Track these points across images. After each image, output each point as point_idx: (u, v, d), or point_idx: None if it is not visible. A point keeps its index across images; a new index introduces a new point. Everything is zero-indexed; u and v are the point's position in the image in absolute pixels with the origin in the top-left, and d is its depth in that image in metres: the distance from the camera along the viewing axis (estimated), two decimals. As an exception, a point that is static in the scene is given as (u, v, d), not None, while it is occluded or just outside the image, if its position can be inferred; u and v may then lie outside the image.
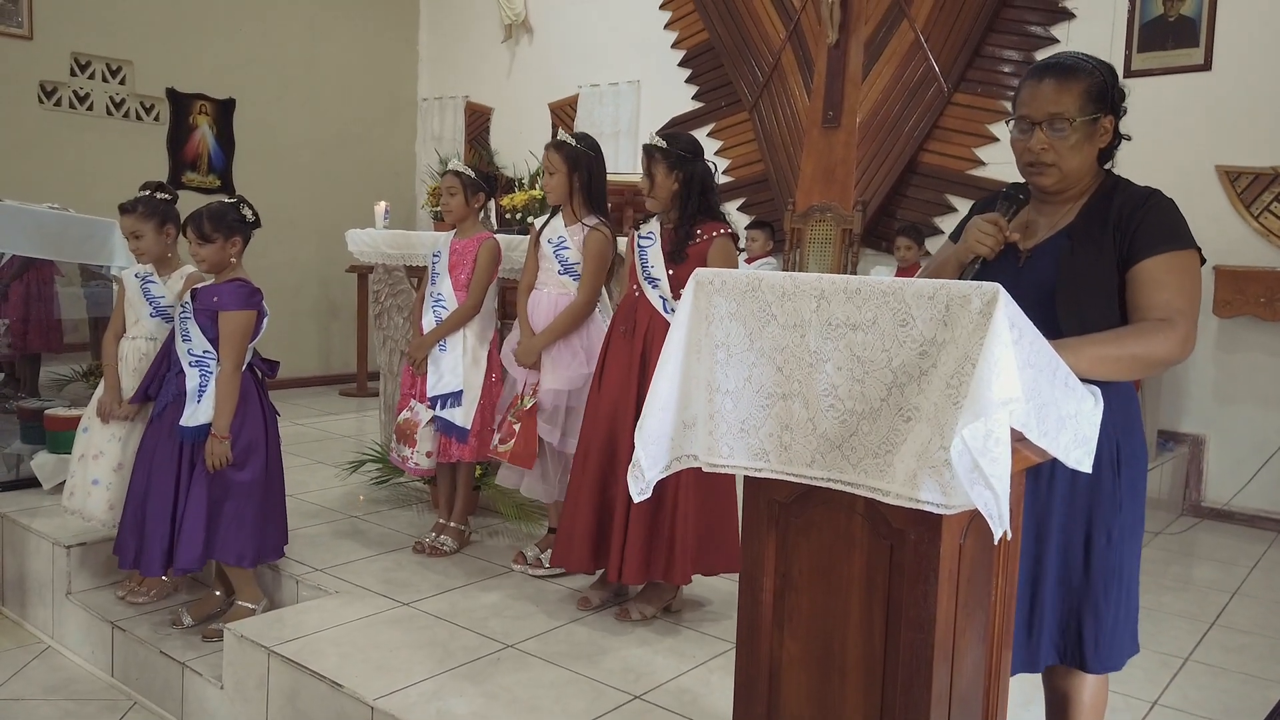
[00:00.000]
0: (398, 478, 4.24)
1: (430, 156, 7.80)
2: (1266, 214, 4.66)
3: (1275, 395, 4.68)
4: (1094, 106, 1.74)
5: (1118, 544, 1.77)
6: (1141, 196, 1.76)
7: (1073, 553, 1.77)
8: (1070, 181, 1.79)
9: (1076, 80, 1.74)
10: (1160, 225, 1.72)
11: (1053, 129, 1.74)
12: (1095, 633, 1.78)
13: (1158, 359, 1.67)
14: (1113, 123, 1.78)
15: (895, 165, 5.62)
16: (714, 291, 1.48)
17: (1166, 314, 1.66)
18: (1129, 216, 1.73)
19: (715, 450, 1.48)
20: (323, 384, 7.46)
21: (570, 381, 3.23)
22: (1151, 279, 1.69)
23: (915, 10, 5.53)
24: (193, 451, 3.01)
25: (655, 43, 6.67)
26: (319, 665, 2.55)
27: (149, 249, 3.28)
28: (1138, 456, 1.81)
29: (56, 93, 6.21)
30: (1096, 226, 1.76)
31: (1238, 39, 4.72)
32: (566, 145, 3.24)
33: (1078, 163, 1.76)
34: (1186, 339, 1.66)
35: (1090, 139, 1.76)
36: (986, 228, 1.76)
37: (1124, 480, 1.77)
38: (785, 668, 1.51)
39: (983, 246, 1.76)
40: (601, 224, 3.23)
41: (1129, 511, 1.78)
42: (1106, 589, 1.77)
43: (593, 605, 3.05)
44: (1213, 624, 3.37)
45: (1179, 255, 1.70)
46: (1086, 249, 1.74)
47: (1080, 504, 1.76)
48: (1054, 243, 1.79)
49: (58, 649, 3.45)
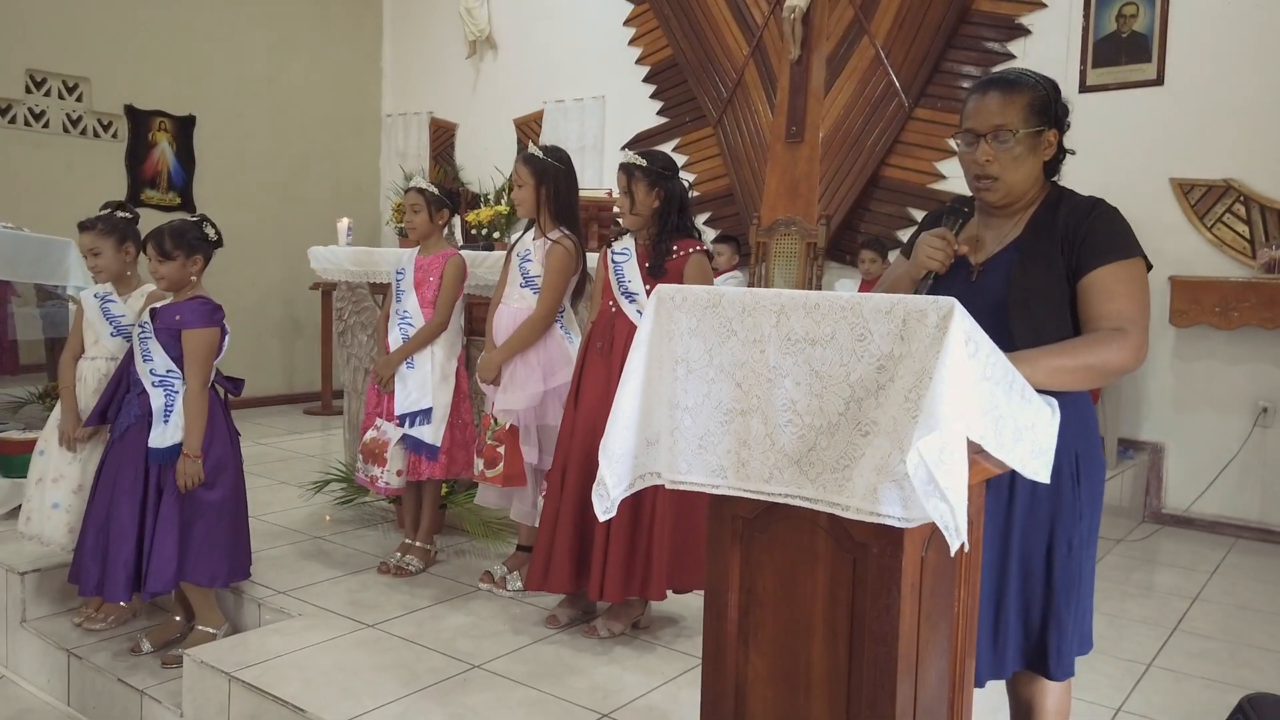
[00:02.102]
0: (363, 497, 4.19)
1: (395, 173, 7.77)
2: (1219, 225, 4.76)
3: (1232, 402, 4.77)
4: (1037, 119, 1.77)
5: (1078, 552, 1.80)
6: (1086, 207, 1.79)
7: (1034, 562, 1.80)
8: (1015, 194, 1.81)
9: (1019, 93, 1.77)
10: (1107, 235, 1.74)
11: (997, 140, 1.77)
12: (1058, 641, 1.80)
13: (1113, 368, 1.69)
14: (1056, 136, 1.81)
15: (858, 179, 5.68)
16: (675, 307, 1.48)
17: (1119, 323, 1.69)
18: (1075, 227, 1.76)
19: (675, 467, 1.48)
20: (287, 403, 7.37)
21: (527, 400, 3.20)
22: (1102, 289, 1.71)
23: (876, 27, 5.60)
24: (159, 473, 2.96)
25: (620, 58, 6.70)
26: (282, 690, 2.51)
27: (107, 266, 3.24)
28: (1096, 467, 1.84)
29: (11, 110, 6.10)
30: (1044, 239, 1.78)
31: (1189, 54, 4.83)
32: (535, 158, 3.24)
33: (1021, 175, 1.79)
34: (1139, 347, 1.69)
35: (1034, 151, 1.79)
36: (935, 243, 1.78)
37: (1084, 490, 1.80)
38: (751, 683, 1.50)
39: (933, 262, 1.78)
40: (566, 237, 3.22)
41: (1088, 520, 1.82)
42: (1067, 597, 1.80)
43: (561, 623, 3.03)
44: (1174, 629, 3.42)
45: (1127, 264, 1.73)
46: (1035, 262, 1.77)
47: (1041, 514, 1.78)
48: (1004, 256, 1.81)
49: (12, 678, 3.37)
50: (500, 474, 3.18)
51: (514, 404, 3.20)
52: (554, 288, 3.21)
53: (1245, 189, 4.69)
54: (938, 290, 1.74)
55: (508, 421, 3.20)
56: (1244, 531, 4.71)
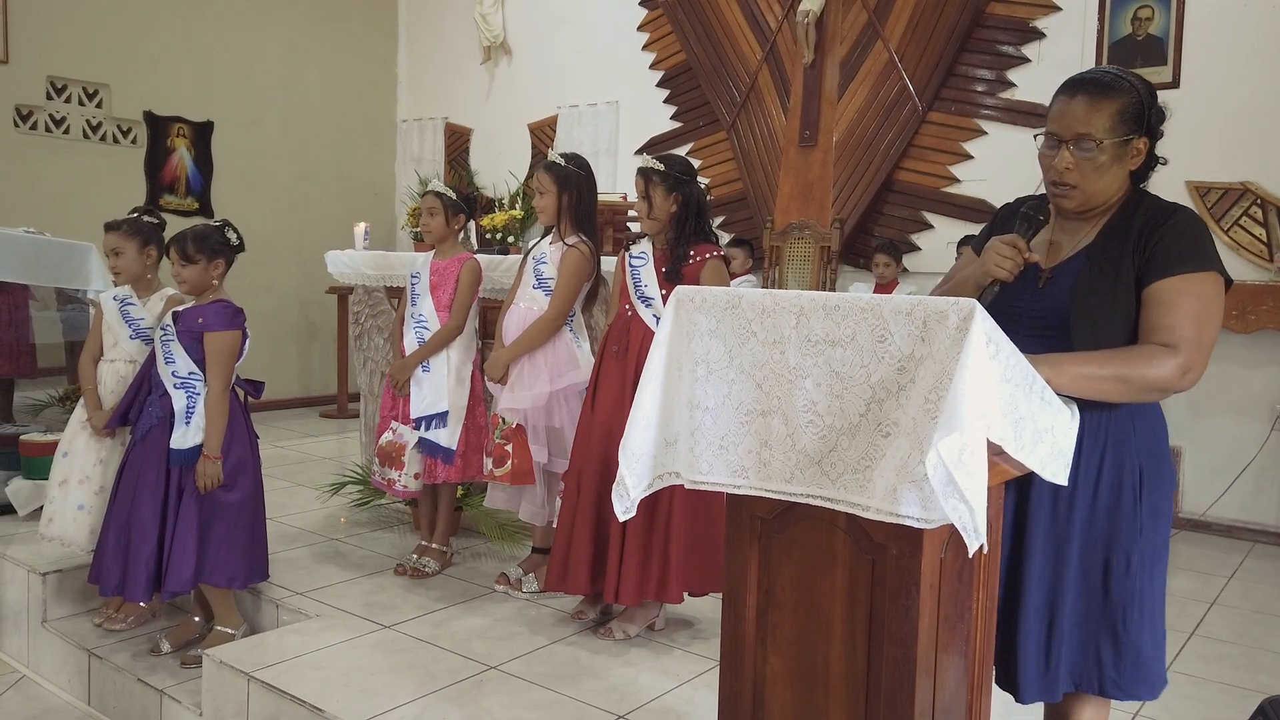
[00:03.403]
0: (379, 500, 4.22)
1: (410, 178, 7.80)
2: (1236, 228, 4.74)
3: (1249, 407, 4.74)
4: (1126, 128, 1.66)
5: (1137, 570, 1.70)
6: (1165, 214, 1.68)
7: (1091, 578, 1.71)
8: (1094, 203, 1.72)
9: (1110, 99, 1.66)
10: (1179, 244, 1.64)
11: (1080, 149, 1.66)
12: (1115, 659, 1.71)
13: (1151, 384, 1.59)
14: (1147, 145, 1.71)
15: (872, 183, 5.67)
16: (694, 309, 1.49)
17: (1169, 339, 1.59)
18: (1149, 234, 1.66)
19: (696, 467, 1.48)
20: (303, 406, 7.41)
21: (533, 400, 3.21)
22: (1161, 301, 1.62)
23: (889, 31, 5.60)
24: (180, 475, 2.99)
25: (633, 64, 6.72)
26: (300, 690, 2.53)
27: (127, 268, 3.27)
28: (1163, 481, 1.73)
29: (32, 116, 6.17)
30: (1116, 245, 1.68)
31: (1205, 57, 4.81)
32: (556, 166, 3.26)
33: (1104, 185, 1.69)
34: (1188, 368, 1.58)
35: (1119, 160, 1.68)
36: (1005, 250, 1.68)
37: (1145, 504, 1.70)
38: (769, 684, 1.51)
39: (1001, 270, 1.67)
40: (582, 242, 3.24)
41: (1150, 537, 1.72)
42: (1126, 616, 1.70)
43: (588, 618, 3.08)
44: (1191, 634, 3.40)
45: (1195, 278, 1.62)
46: (1104, 269, 1.67)
47: (1100, 528, 1.70)
48: (1073, 263, 1.72)
49: (33, 678, 3.40)
50: (509, 471, 3.20)
51: (520, 404, 3.22)
52: (567, 289, 3.22)
53: (1262, 192, 4.67)
54: (1004, 296, 1.66)
55: (514, 420, 3.22)
56: (1261, 536, 4.68)
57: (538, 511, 3.37)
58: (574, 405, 3.24)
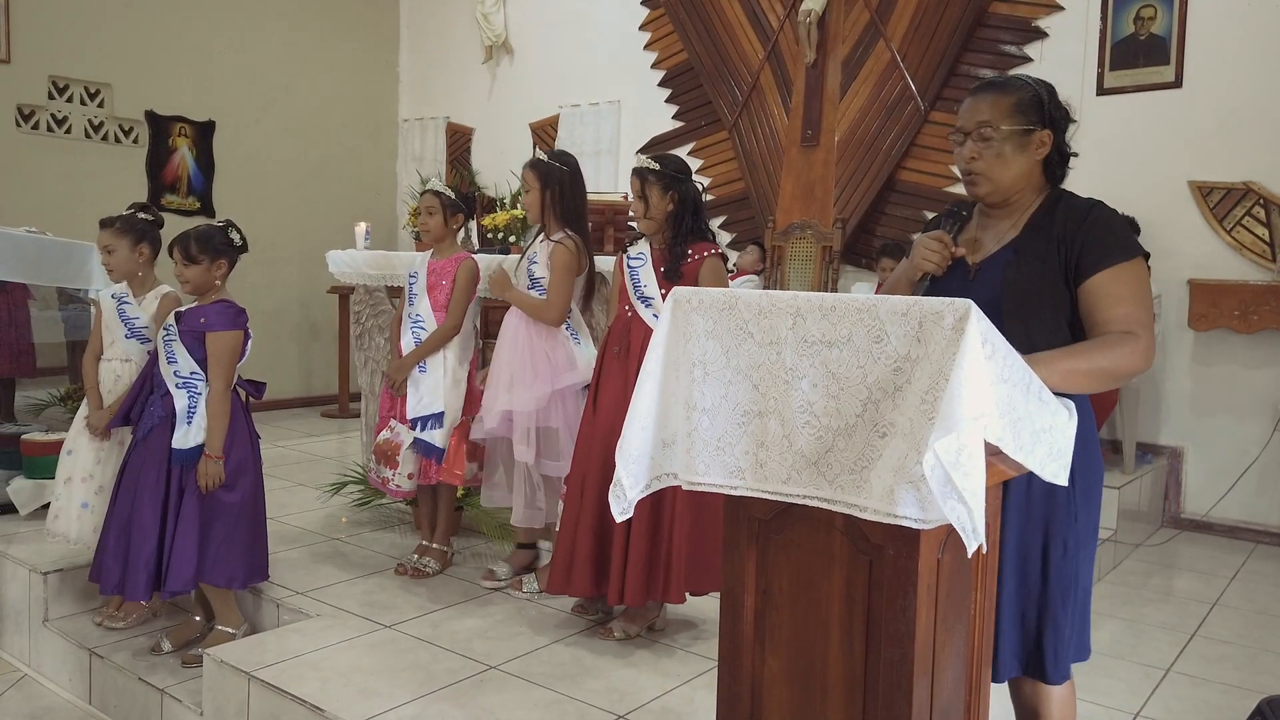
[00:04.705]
0: (379, 499, 4.22)
1: (411, 177, 7.81)
2: (1239, 228, 4.73)
3: (1251, 407, 4.73)
4: (1024, 118, 1.79)
5: (1073, 554, 1.79)
6: (1083, 209, 1.79)
7: (1030, 564, 1.79)
8: (1005, 193, 1.83)
9: (1008, 94, 1.81)
10: (1106, 237, 1.75)
11: (980, 137, 1.80)
12: (1055, 644, 1.79)
13: (1124, 371, 1.71)
14: (1051, 137, 1.82)
15: (874, 183, 5.67)
16: (691, 310, 1.49)
17: (1128, 327, 1.70)
18: (1073, 229, 1.76)
19: (693, 469, 1.48)
20: (304, 405, 7.42)
21: (534, 401, 3.21)
22: (1106, 293, 1.72)
23: (891, 30, 5.60)
24: (181, 474, 2.99)
25: (635, 63, 6.72)
26: (300, 690, 2.53)
27: (119, 265, 3.28)
28: (1092, 468, 1.83)
29: (34, 116, 6.18)
30: (1040, 240, 1.79)
31: (1208, 57, 4.80)
32: (539, 163, 3.27)
33: (1010, 174, 1.81)
34: (1149, 350, 1.71)
35: (1022, 150, 1.80)
36: (931, 244, 1.81)
37: (1079, 491, 1.78)
38: (767, 685, 1.51)
39: (929, 264, 1.81)
40: (568, 237, 3.24)
41: (1084, 522, 1.81)
42: (1064, 599, 1.78)
43: (589, 614, 3.09)
44: (1193, 635, 3.40)
45: (1128, 266, 1.74)
46: (1030, 263, 1.78)
47: (1036, 515, 1.77)
48: (999, 257, 1.82)
49: (35, 677, 3.40)
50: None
51: (521, 405, 3.21)
52: (560, 283, 3.21)
53: (1265, 191, 4.66)
54: (935, 291, 1.74)
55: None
56: (1264, 537, 4.67)
57: (526, 514, 3.35)
58: (570, 406, 3.24)
